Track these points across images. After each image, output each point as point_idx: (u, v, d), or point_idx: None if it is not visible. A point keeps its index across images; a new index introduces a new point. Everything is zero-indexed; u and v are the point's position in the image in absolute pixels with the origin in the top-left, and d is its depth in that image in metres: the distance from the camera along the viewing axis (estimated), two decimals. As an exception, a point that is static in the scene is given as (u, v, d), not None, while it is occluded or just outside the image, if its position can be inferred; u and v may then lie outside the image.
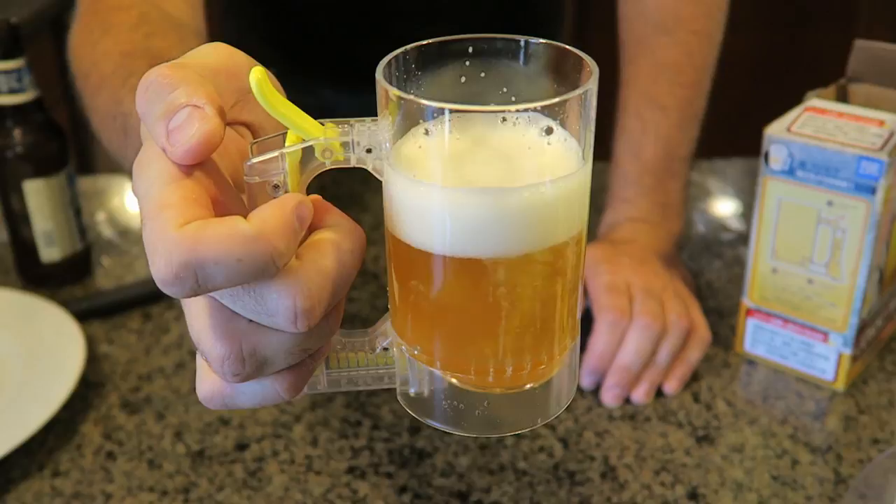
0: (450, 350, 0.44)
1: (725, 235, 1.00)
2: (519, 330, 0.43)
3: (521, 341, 0.43)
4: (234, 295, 0.36)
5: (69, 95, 0.73)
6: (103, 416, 0.76)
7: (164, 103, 0.35)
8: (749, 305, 0.79)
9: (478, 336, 0.43)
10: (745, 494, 0.68)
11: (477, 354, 0.43)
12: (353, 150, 0.39)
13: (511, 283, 0.41)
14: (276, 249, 0.34)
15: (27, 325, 0.84)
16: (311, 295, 0.36)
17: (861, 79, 0.79)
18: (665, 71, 0.89)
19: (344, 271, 0.37)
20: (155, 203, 0.34)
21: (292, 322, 0.36)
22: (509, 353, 0.43)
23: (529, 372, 0.44)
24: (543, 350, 0.44)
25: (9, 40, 0.84)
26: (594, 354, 0.76)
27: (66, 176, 0.91)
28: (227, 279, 0.34)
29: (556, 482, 0.69)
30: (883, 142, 0.70)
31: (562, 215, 0.41)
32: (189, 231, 0.33)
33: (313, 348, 0.39)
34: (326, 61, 1.07)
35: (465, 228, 0.40)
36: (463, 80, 0.43)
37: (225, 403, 0.40)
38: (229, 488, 0.69)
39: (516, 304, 0.42)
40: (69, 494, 0.69)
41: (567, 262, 0.43)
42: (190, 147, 0.35)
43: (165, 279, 0.33)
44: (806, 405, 0.76)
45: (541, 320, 0.43)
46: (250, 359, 0.37)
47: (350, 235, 0.38)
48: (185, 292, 0.34)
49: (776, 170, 0.74)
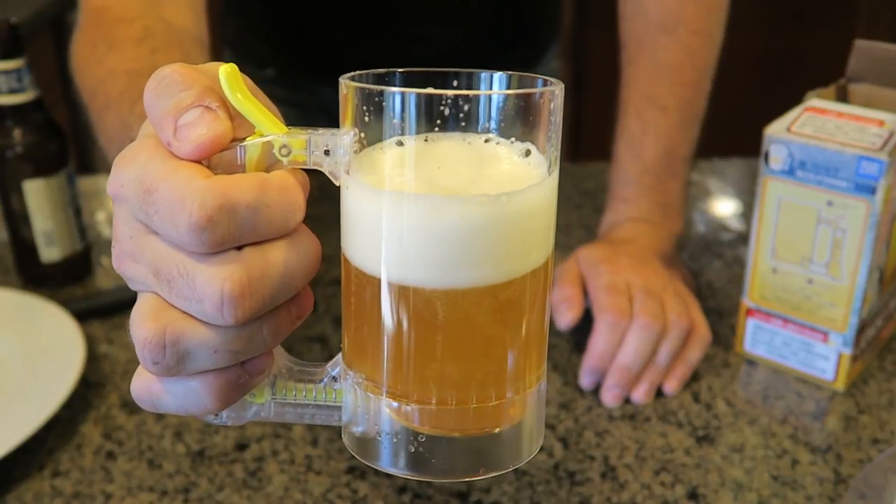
0: (394, 379, 0.42)
1: (725, 235, 1.00)
2: (468, 363, 0.41)
3: (469, 377, 0.41)
4: (171, 281, 0.36)
5: (69, 95, 0.73)
6: (103, 416, 0.76)
7: (174, 99, 0.36)
8: (749, 305, 0.79)
9: (423, 364, 0.41)
10: (745, 494, 0.68)
11: (420, 384, 0.41)
12: (310, 151, 0.39)
13: (461, 314, 0.40)
14: (297, 201, 0.36)
15: (27, 325, 0.84)
16: (242, 283, 0.35)
17: (861, 79, 0.79)
18: (665, 71, 0.89)
19: (286, 274, 0.37)
20: (164, 168, 0.35)
21: (218, 308, 0.35)
22: (455, 388, 0.41)
23: (491, 413, 0.42)
24: (506, 386, 0.42)
25: (9, 40, 0.84)
26: (594, 354, 0.76)
27: (66, 176, 0.91)
28: (254, 226, 0.35)
29: (556, 482, 0.69)
30: (883, 142, 0.70)
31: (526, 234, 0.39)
32: (220, 178, 0.35)
33: (243, 354, 0.38)
34: (326, 60, 1.07)
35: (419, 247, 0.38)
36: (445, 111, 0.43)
37: (153, 403, 0.39)
38: (229, 488, 0.69)
39: (465, 336, 0.41)
40: (69, 494, 0.69)
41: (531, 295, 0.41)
42: (199, 144, 0.36)
43: (199, 222, 0.34)
44: (806, 405, 0.76)
45: (493, 356, 0.41)
46: (171, 347, 0.36)
47: (303, 243, 0.38)
48: (215, 239, 0.35)
49: (776, 170, 0.74)
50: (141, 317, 0.37)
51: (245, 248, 0.36)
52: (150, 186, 0.35)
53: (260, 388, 0.42)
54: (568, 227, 1.01)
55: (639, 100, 0.89)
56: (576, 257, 0.83)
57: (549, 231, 0.41)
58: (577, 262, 0.82)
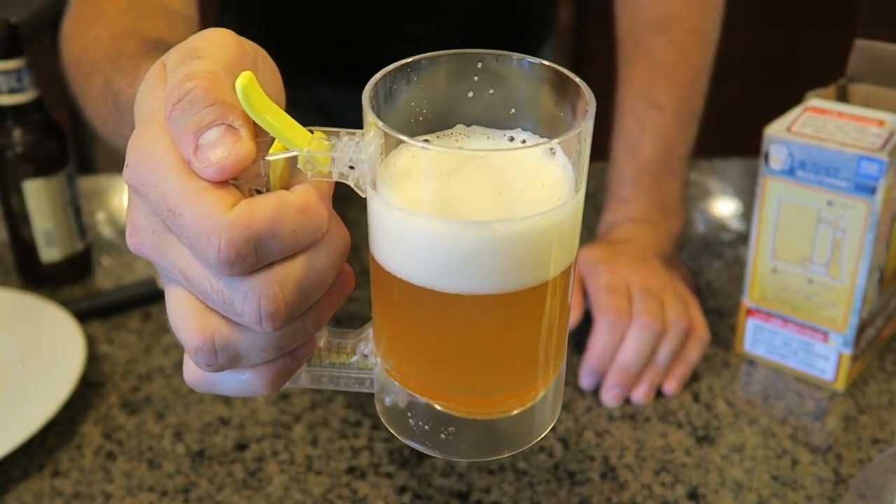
0: (423, 376, 0.43)
1: (725, 235, 1.00)
2: (496, 366, 0.43)
3: (497, 376, 0.43)
4: (206, 292, 0.37)
5: (69, 95, 0.74)
6: (103, 416, 0.76)
7: (196, 116, 0.36)
8: (749, 305, 0.79)
9: (451, 366, 0.43)
10: (745, 494, 0.68)
11: (447, 384, 0.43)
12: (335, 165, 0.38)
13: (490, 320, 0.41)
14: (321, 216, 0.37)
15: (27, 325, 0.84)
16: (277, 298, 0.36)
17: (861, 79, 0.79)
18: (661, 70, 0.89)
19: (317, 276, 0.37)
20: (185, 190, 0.35)
21: (258, 323, 0.36)
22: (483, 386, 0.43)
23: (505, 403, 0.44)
24: (522, 383, 0.43)
25: (9, 40, 0.84)
26: (594, 355, 0.76)
27: (66, 176, 0.91)
28: (282, 250, 0.36)
29: (556, 482, 0.69)
30: (883, 142, 0.70)
31: (550, 250, 0.40)
32: (242, 210, 0.35)
33: (288, 347, 0.39)
34: (322, 58, 1.07)
35: (445, 262, 0.38)
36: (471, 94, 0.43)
37: (209, 388, 0.41)
38: (229, 488, 0.69)
39: (493, 340, 0.42)
40: (69, 494, 0.69)
41: (553, 299, 0.41)
42: (221, 168, 0.35)
43: (228, 258, 0.35)
44: (806, 405, 0.76)
45: (519, 356, 0.43)
46: (222, 351, 0.37)
47: (331, 241, 0.38)
48: (244, 268, 0.35)
49: (776, 170, 0.74)
50: (184, 320, 0.38)
51: (276, 265, 0.36)
52: (174, 208, 0.35)
53: None
54: (568, 227, 1.01)
55: (635, 99, 0.89)
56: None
57: (574, 239, 0.42)
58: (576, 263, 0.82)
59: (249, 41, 0.40)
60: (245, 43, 0.40)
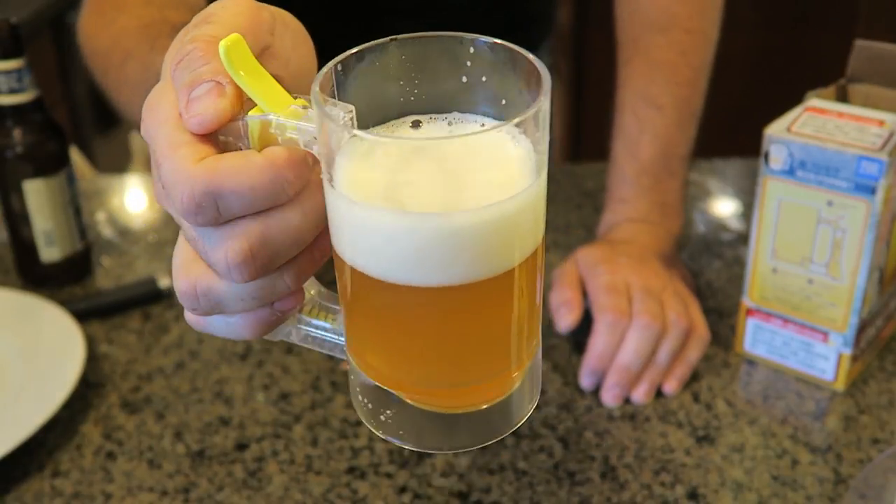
0: (391, 369, 0.43)
1: (725, 235, 1.00)
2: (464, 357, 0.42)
3: (471, 367, 0.42)
4: (192, 239, 0.39)
5: (69, 95, 0.75)
6: (103, 416, 0.76)
7: (193, 73, 0.38)
8: (749, 305, 0.79)
9: (418, 359, 0.42)
10: (745, 494, 0.68)
11: (416, 377, 0.43)
12: (300, 134, 0.38)
13: (455, 310, 0.40)
14: (285, 178, 0.37)
15: (27, 325, 0.84)
16: (243, 250, 0.38)
17: (861, 79, 0.79)
18: (660, 70, 0.89)
19: (289, 234, 0.38)
20: (168, 143, 0.37)
21: (227, 272, 0.38)
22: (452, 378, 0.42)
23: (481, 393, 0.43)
24: (496, 373, 0.43)
25: (9, 40, 0.84)
26: (594, 355, 0.76)
27: (66, 176, 0.91)
28: (242, 206, 0.37)
29: (556, 482, 0.69)
30: (883, 142, 0.70)
31: (512, 239, 0.39)
32: (207, 164, 0.37)
33: (268, 299, 0.40)
34: (319, 56, 1.07)
35: (403, 255, 0.38)
36: (417, 82, 0.42)
37: (202, 328, 0.43)
38: (229, 488, 0.69)
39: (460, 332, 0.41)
40: (69, 494, 0.69)
41: (519, 286, 0.41)
42: (201, 120, 0.37)
43: (188, 209, 0.37)
44: (806, 405, 0.76)
45: (488, 347, 0.42)
46: (203, 298, 0.40)
47: (308, 201, 0.39)
48: (207, 220, 0.37)
49: (776, 170, 0.74)
50: (177, 268, 0.41)
51: (245, 219, 0.38)
52: (159, 160, 0.38)
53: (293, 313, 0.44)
54: (568, 227, 1.01)
55: (635, 99, 0.89)
56: (575, 258, 0.83)
57: (538, 224, 0.41)
58: (576, 264, 0.82)
59: (271, 7, 0.42)
60: (263, 9, 0.41)
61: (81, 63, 0.85)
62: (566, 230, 1.01)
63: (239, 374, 0.80)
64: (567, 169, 1.17)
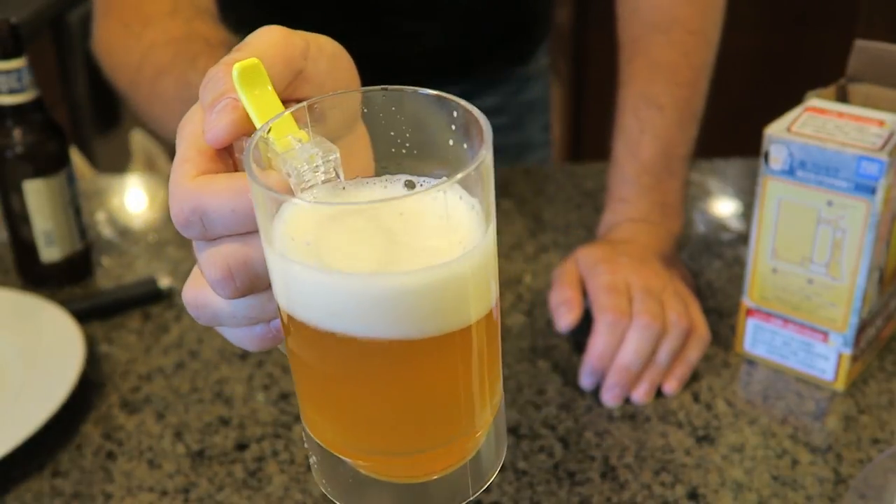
0: (337, 434, 0.41)
1: (725, 235, 1.00)
2: (420, 418, 0.39)
3: (415, 431, 0.40)
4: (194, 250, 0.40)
5: (69, 95, 0.75)
6: (103, 416, 0.76)
7: (215, 93, 0.40)
8: (749, 305, 0.79)
9: (367, 423, 0.40)
10: (745, 494, 0.68)
11: (366, 444, 0.40)
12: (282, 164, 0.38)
13: (408, 365, 0.38)
14: None
15: (27, 325, 0.84)
16: (224, 269, 0.39)
17: (861, 79, 0.79)
18: (661, 71, 0.89)
19: None
20: (179, 157, 0.39)
21: (213, 287, 0.40)
22: (406, 444, 0.40)
23: (433, 461, 0.41)
24: (450, 437, 0.40)
25: (9, 40, 0.84)
26: (594, 354, 0.76)
27: (66, 176, 0.91)
28: (225, 226, 0.38)
29: (556, 482, 0.69)
30: (883, 142, 0.70)
31: (466, 295, 0.37)
32: (199, 181, 0.38)
33: (258, 319, 0.41)
34: None
35: (343, 309, 0.36)
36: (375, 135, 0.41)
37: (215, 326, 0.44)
38: (229, 488, 0.69)
39: (415, 389, 0.39)
40: (69, 494, 0.69)
41: (478, 343, 0.38)
42: (214, 132, 0.39)
43: (178, 222, 0.38)
44: (806, 405, 0.76)
45: (445, 407, 0.39)
46: (202, 310, 0.41)
47: None
48: (194, 234, 0.39)
49: (776, 170, 0.74)
50: (188, 279, 0.42)
51: (228, 239, 0.39)
52: (171, 172, 0.40)
53: None
54: (568, 227, 1.01)
55: (636, 100, 0.89)
56: (575, 258, 0.83)
57: (490, 281, 0.38)
58: (576, 263, 0.82)
59: (306, 34, 0.42)
60: (296, 35, 0.42)
61: (81, 63, 0.85)
62: (566, 230, 1.01)
63: (239, 374, 0.80)
64: (567, 169, 1.18)
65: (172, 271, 0.95)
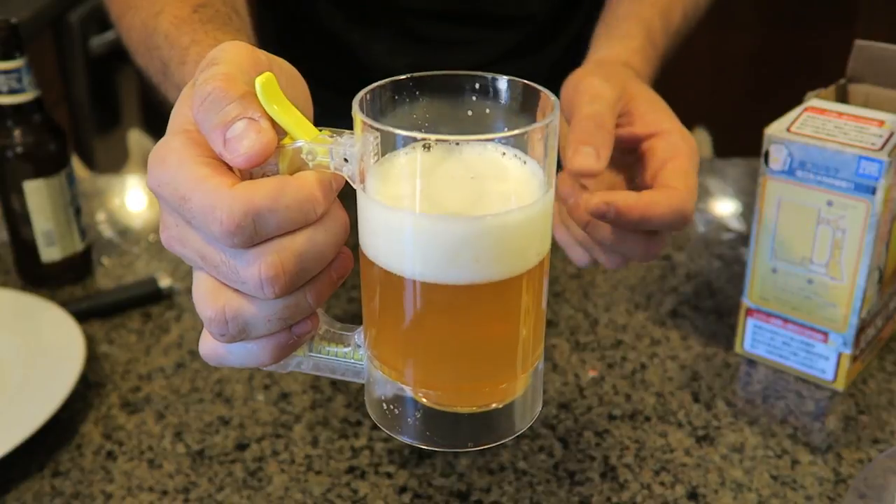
0: (413, 367, 0.47)
1: (725, 235, 1.00)
2: (482, 353, 0.46)
3: (483, 364, 0.47)
4: (217, 267, 0.42)
5: (69, 95, 0.75)
6: (103, 416, 0.76)
7: (221, 113, 0.40)
8: (749, 305, 0.79)
9: (437, 355, 0.46)
10: (745, 494, 0.68)
11: (439, 373, 0.47)
12: (331, 158, 0.43)
13: (476, 309, 0.44)
14: (315, 198, 0.41)
15: (27, 325, 0.84)
16: (276, 265, 0.41)
17: (861, 79, 0.79)
18: None
19: (315, 251, 0.42)
20: (194, 178, 0.40)
21: (260, 288, 0.41)
22: (470, 374, 0.47)
23: (491, 392, 0.47)
24: (506, 371, 0.47)
25: (9, 40, 0.84)
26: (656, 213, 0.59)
27: (66, 176, 0.91)
28: (278, 225, 0.40)
29: (556, 482, 0.69)
30: (883, 142, 0.70)
31: (532, 240, 0.44)
32: (244, 187, 0.40)
33: (291, 319, 0.44)
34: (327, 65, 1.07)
35: (433, 255, 0.43)
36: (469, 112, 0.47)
37: (219, 361, 0.46)
38: (229, 488, 0.69)
39: (482, 328, 0.45)
40: (69, 494, 0.69)
41: (531, 288, 0.45)
42: (250, 155, 0.40)
43: (229, 229, 0.39)
44: (806, 405, 0.76)
45: (504, 343, 0.46)
46: (232, 322, 0.42)
47: (330, 220, 0.42)
48: (244, 240, 0.40)
49: (776, 170, 0.74)
50: (202, 297, 0.43)
51: (276, 238, 0.41)
52: (185, 195, 0.40)
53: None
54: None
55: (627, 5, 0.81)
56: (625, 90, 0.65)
57: (546, 236, 0.46)
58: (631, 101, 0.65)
59: (264, 52, 0.45)
60: (259, 52, 0.44)
61: (81, 63, 0.85)
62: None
63: (239, 374, 0.80)
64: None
65: (172, 271, 0.95)
